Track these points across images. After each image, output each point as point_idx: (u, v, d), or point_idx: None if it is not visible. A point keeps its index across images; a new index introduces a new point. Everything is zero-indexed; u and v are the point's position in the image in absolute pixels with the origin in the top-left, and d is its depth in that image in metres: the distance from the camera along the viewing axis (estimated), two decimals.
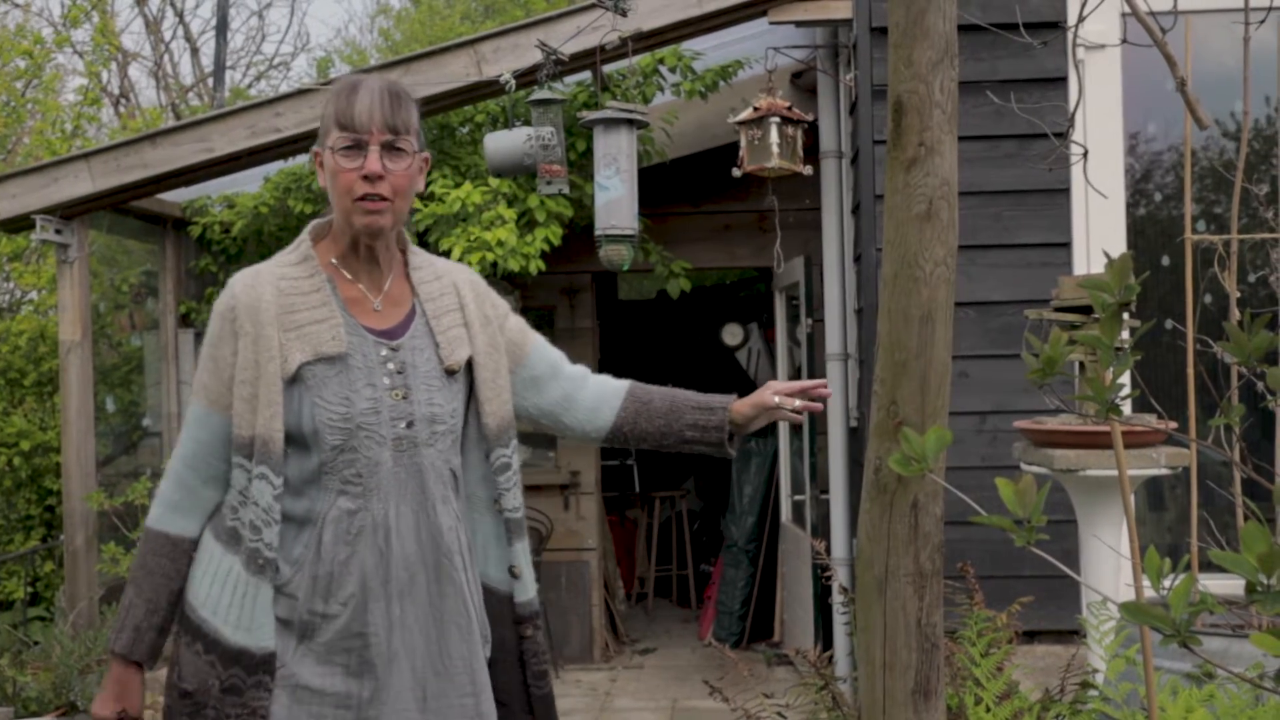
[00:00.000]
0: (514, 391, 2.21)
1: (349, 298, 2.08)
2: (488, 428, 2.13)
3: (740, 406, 2.26)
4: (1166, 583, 1.09)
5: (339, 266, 2.09)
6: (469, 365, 2.14)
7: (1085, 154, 1.63)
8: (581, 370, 2.34)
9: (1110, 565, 2.99)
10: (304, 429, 1.98)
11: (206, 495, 2.05)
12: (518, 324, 2.28)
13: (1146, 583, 1.16)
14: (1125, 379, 3.67)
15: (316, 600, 1.99)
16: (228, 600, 1.99)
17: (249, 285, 2.04)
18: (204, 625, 2.01)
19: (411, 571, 2.02)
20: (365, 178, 2.01)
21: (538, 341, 2.30)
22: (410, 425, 2.03)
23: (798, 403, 2.24)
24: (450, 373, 2.10)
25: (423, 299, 2.13)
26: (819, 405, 2.27)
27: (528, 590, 2.18)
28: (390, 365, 2.05)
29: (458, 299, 2.17)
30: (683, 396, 2.30)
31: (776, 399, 2.24)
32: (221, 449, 2.01)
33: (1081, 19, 1.56)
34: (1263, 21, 1.61)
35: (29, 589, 6.47)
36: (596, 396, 2.29)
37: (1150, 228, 4.50)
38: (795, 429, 6.27)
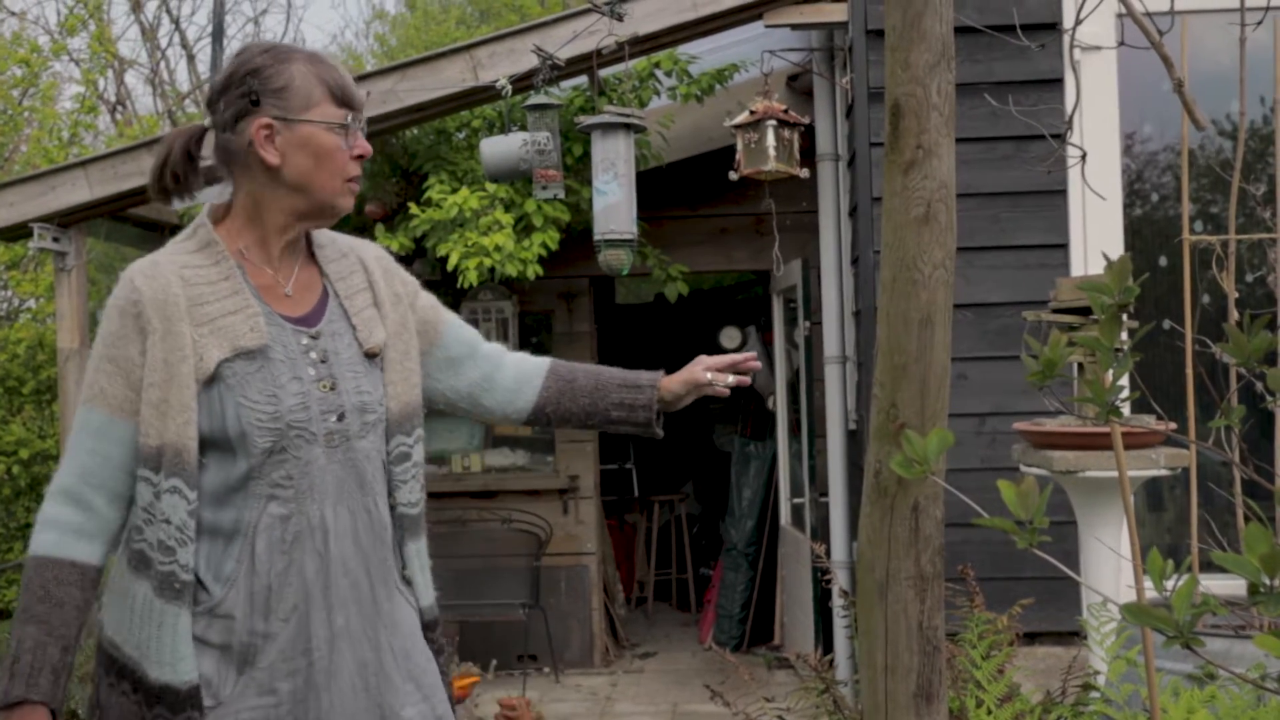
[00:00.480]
0: (427, 373, 2.07)
1: (260, 285, 1.89)
2: (390, 412, 1.94)
3: (669, 384, 2.16)
4: (1168, 584, 1.09)
5: (246, 253, 1.90)
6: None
7: (1084, 156, 1.63)
8: (498, 348, 2.19)
9: (1111, 566, 2.99)
10: (229, 433, 1.78)
11: (111, 516, 1.81)
12: (429, 301, 2.12)
13: (1147, 584, 1.16)
14: (1125, 381, 3.67)
15: (256, 619, 1.79)
16: (146, 633, 1.78)
17: (150, 276, 1.82)
18: (128, 663, 1.81)
19: (354, 576, 1.85)
20: (357, 157, 1.89)
21: (451, 320, 2.14)
22: (341, 418, 1.86)
23: (730, 378, 2.16)
24: (370, 356, 1.93)
25: (333, 280, 1.96)
26: (747, 379, 2.18)
27: (424, 596, 2.00)
28: (313, 354, 1.87)
29: (366, 277, 2.00)
30: (608, 374, 2.19)
31: (708, 375, 2.14)
32: (129, 462, 1.79)
33: (1079, 21, 1.56)
34: (1259, 23, 1.61)
35: None
36: (516, 376, 2.16)
37: (1147, 228, 4.50)
38: (794, 431, 6.27)
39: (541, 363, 2.19)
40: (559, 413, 2.17)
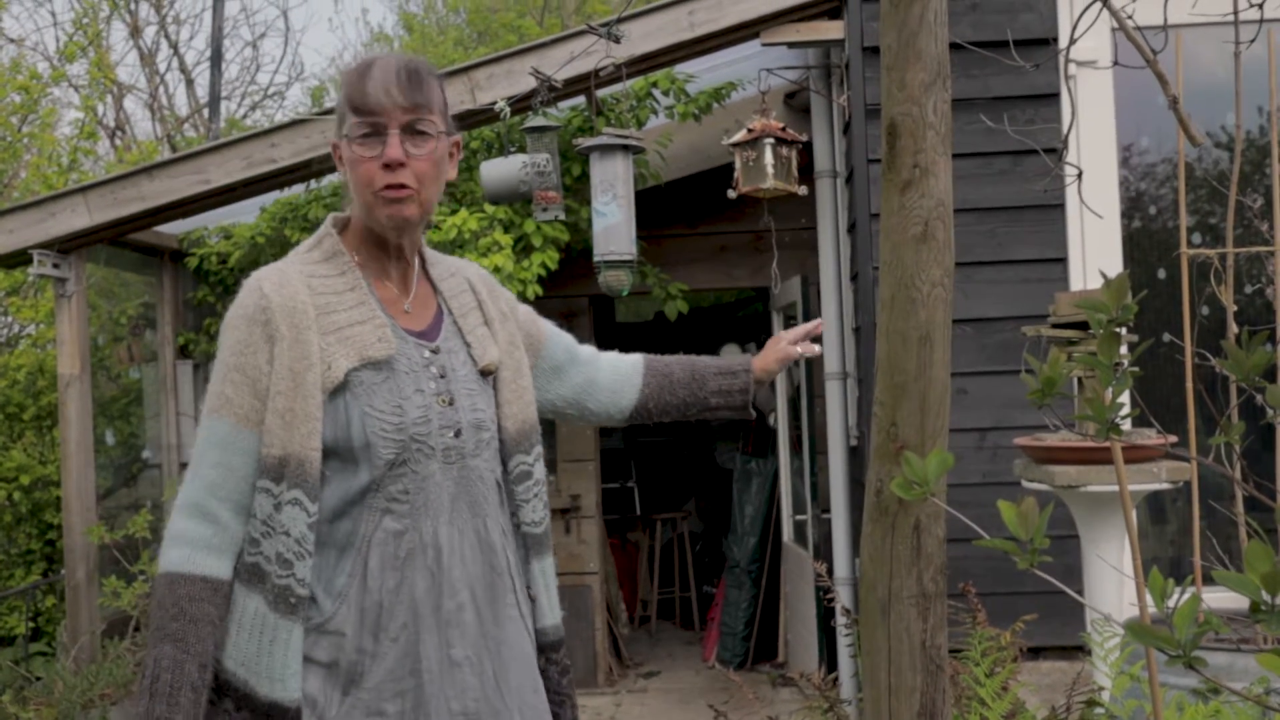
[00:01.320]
0: (535, 385, 2.07)
1: (384, 298, 1.89)
2: (506, 432, 1.93)
3: (761, 363, 2.24)
4: (1170, 601, 1.09)
5: (365, 266, 1.91)
6: None
7: (1080, 175, 1.63)
8: (591, 350, 2.22)
9: (1114, 580, 2.99)
10: (353, 442, 1.76)
11: (237, 530, 1.76)
12: (528, 313, 2.14)
13: (1150, 600, 1.16)
14: (1125, 397, 3.67)
15: (365, 637, 1.76)
16: (255, 648, 1.73)
17: (279, 284, 1.80)
18: (233, 679, 1.75)
19: (460, 599, 1.81)
20: (386, 166, 1.81)
21: (550, 328, 2.17)
22: (458, 434, 1.84)
23: (815, 347, 2.28)
24: (485, 374, 1.92)
25: (446, 297, 1.96)
26: (818, 348, 2.31)
27: (547, 615, 1.98)
28: (433, 369, 1.86)
29: (474, 297, 2.00)
30: (701, 363, 2.24)
31: (796, 348, 2.25)
32: (254, 474, 1.75)
33: (1073, 40, 1.57)
34: (1253, 40, 1.62)
35: (30, 624, 6.45)
36: (614, 376, 2.20)
37: (1146, 240, 4.51)
38: (795, 448, 6.27)
39: (636, 360, 2.23)
40: (660, 406, 2.21)
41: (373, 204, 1.84)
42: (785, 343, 2.26)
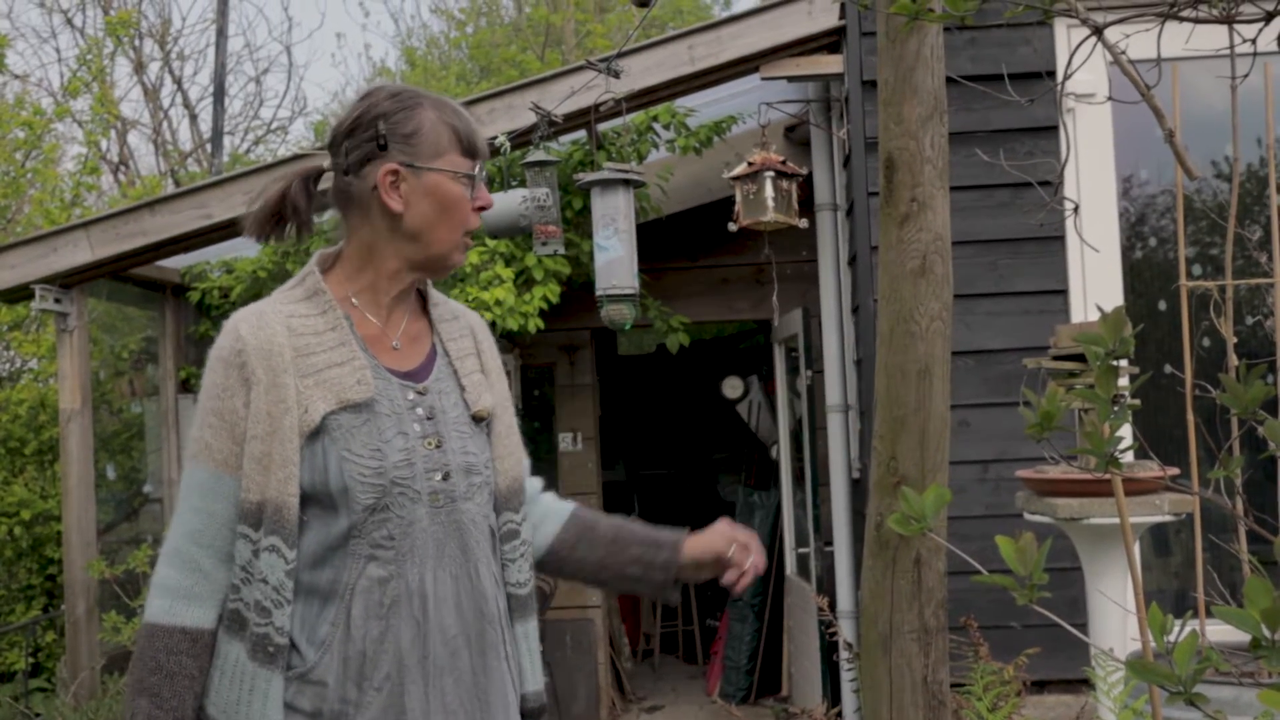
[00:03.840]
0: None
1: (367, 335, 1.82)
2: (498, 487, 1.86)
3: (693, 549, 2.02)
4: (1171, 637, 1.08)
5: (358, 303, 1.83)
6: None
7: (1076, 209, 1.64)
8: (537, 483, 2.07)
9: (1117, 613, 2.97)
10: (331, 488, 1.70)
11: (221, 577, 1.72)
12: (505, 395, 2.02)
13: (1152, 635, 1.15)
14: (1125, 430, 3.66)
15: (349, 686, 1.70)
16: (235, 696, 1.70)
17: (256, 326, 1.76)
18: None
19: (452, 647, 1.75)
20: (479, 209, 1.82)
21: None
22: (446, 477, 1.77)
23: (758, 562, 2.00)
24: (478, 420, 1.85)
25: (444, 339, 1.89)
26: (758, 570, 2.01)
27: (529, 681, 1.91)
28: (419, 410, 1.79)
29: (474, 344, 1.94)
30: (630, 529, 2.04)
31: (731, 550, 1.99)
32: (235, 519, 1.71)
33: (1068, 75, 1.57)
34: (1247, 75, 1.63)
35: (30, 660, 6.43)
36: (541, 511, 2.04)
37: (1147, 271, 4.51)
38: (798, 480, 6.25)
39: (567, 505, 2.08)
40: (573, 559, 2.04)
41: (455, 244, 1.82)
42: (726, 539, 2.00)
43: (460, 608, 1.77)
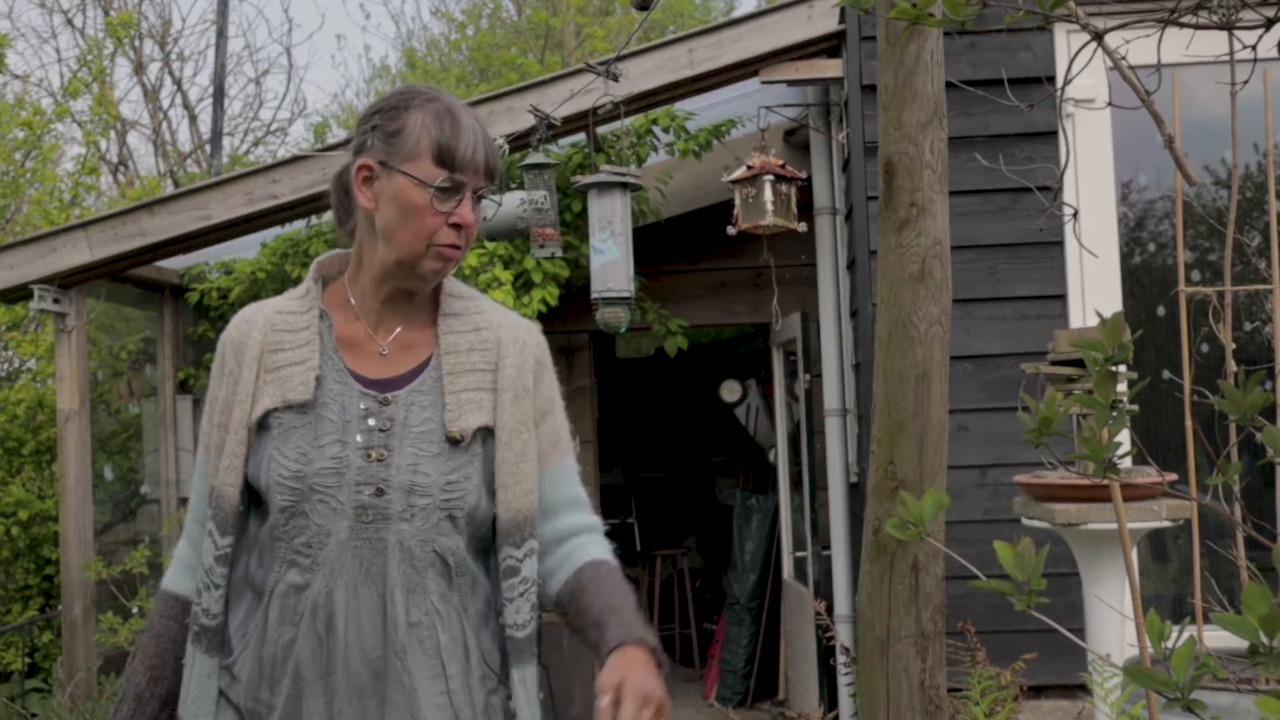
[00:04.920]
0: None
1: (346, 337, 1.79)
2: (499, 519, 1.76)
3: (604, 664, 1.69)
4: (1169, 643, 1.08)
5: (354, 304, 1.81)
6: (488, 439, 1.77)
7: (1075, 214, 1.64)
8: (586, 522, 1.90)
9: (1115, 618, 2.97)
10: (261, 484, 1.72)
11: None
12: (554, 429, 1.87)
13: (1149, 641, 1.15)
14: (1124, 435, 3.66)
15: (262, 687, 1.71)
16: (186, 675, 1.78)
17: (242, 320, 1.83)
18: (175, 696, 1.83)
19: (352, 669, 1.68)
20: (455, 225, 1.73)
21: (558, 469, 1.87)
22: (380, 493, 1.69)
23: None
24: (453, 441, 1.73)
25: (443, 350, 1.79)
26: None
27: None
28: (371, 421, 1.72)
29: (495, 358, 1.80)
30: (600, 607, 1.77)
31: (604, 700, 1.58)
32: None
33: (1068, 80, 1.57)
34: (1246, 82, 1.63)
35: (27, 660, 6.42)
36: (561, 558, 1.86)
37: (1146, 276, 4.51)
38: (796, 484, 6.25)
39: (584, 555, 1.86)
40: (565, 611, 1.87)
41: (421, 255, 1.74)
42: (615, 680, 1.60)
43: (362, 631, 1.69)
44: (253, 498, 1.77)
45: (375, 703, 1.68)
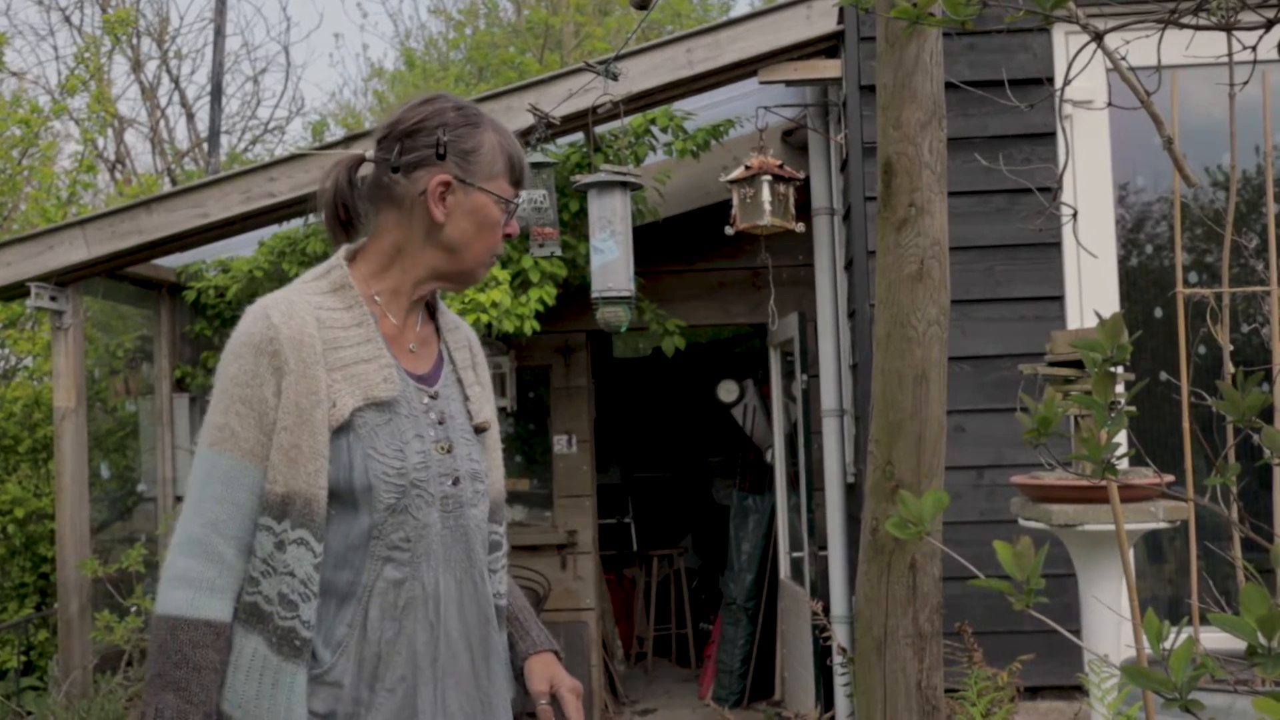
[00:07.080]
0: None
1: (387, 335, 1.83)
2: (491, 498, 1.92)
3: (531, 669, 1.99)
4: (1167, 644, 1.08)
5: (380, 301, 1.84)
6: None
7: (1075, 215, 1.64)
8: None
9: (1112, 620, 2.97)
10: (355, 485, 1.71)
11: (241, 569, 1.70)
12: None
13: (1146, 642, 1.15)
14: (1121, 436, 3.66)
15: (362, 687, 1.71)
16: (254, 690, 1.68)
17: (288, 315, 1.73)
18: None
19: (454, 650, 1.78)
20: (506, 236, 1.89)
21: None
22: (456, 482, 1.81)
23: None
24: (478, 430, 1.89)
25: (450, 347, 1.94)
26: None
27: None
28: (432, 415, 1.82)
29: (470, 355, 1.97)
30: (515, 608, 2.03)
31: (544, 700, 1.95)
32: (257, 510, 1.70)
33: (1067, 81, 1.57)
34: (1245, 84, 1.63)
35: (23, 658, 6.41)
36: None
37: (1143, 278, 4.51)
38: (793, 485, 6.25)
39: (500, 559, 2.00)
40: None
41: (483, 263, 1.87)
42: (547, 687, 1.96)
43: (464, 611, 1.81)
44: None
45: (475, 675, 1.82)
